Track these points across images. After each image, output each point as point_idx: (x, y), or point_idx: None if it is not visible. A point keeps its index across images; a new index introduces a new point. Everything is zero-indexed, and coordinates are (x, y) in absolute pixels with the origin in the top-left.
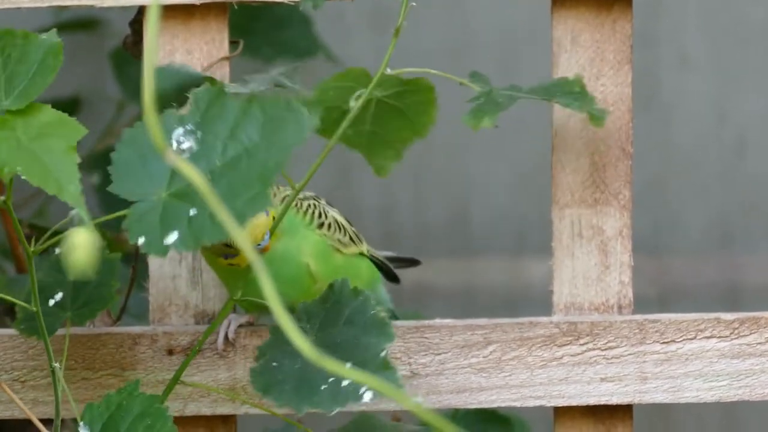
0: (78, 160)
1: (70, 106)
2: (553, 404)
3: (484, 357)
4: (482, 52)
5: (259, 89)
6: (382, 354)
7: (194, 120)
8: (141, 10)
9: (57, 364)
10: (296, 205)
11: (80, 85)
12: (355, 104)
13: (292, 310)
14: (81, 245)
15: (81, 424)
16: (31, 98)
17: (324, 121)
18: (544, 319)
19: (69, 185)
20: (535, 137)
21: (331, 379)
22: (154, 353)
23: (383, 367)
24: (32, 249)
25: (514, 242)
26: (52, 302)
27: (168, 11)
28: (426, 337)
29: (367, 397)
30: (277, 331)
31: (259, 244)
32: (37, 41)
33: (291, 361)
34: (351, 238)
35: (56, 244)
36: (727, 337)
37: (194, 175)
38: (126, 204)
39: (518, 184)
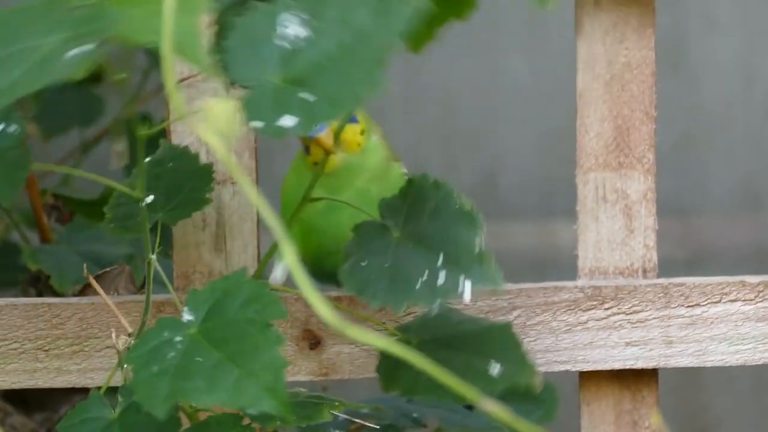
0: (201, 24)
1: (94, 73)
2: (578, 369)
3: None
4: (507, 15)
5: None
6: (476, 243)
7: (303, 6)
8: None
9: (153, 256)
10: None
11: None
12: None
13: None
14: (223, 113)
15: (185, 309)
16: None
17: None
18: (568, 283)
19: (197, 54)
20: (561, 101)
21: (426, 274)
22: None
23: (479, 261)
24: (142, 133)
25: (541, 206)
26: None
27: None
28: (450, 302)
29: (467, 289)
30: (360, 230)
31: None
32: None
33: (380, 260)
34: None
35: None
36: (752, 300)
37: (219, 147)
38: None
39: (546, 148)
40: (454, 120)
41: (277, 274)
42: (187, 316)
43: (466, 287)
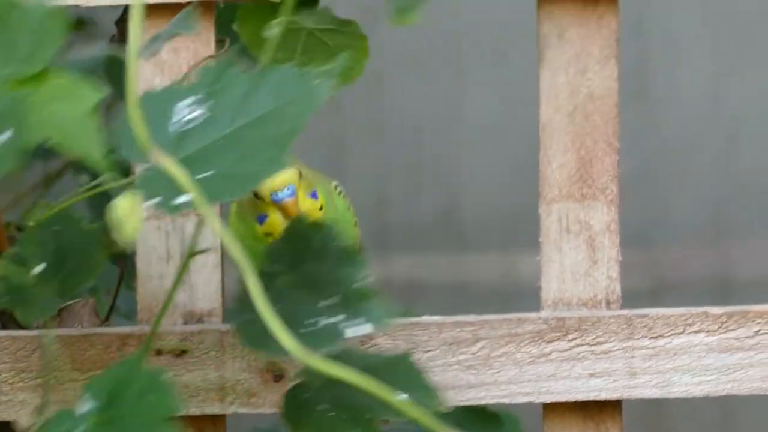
0: (98, 123)
1: None
2: (541, 400)
3: (472, 354)
4: (472, 49)
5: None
6: (360, 282)
7: (203, 91)
8: (127, 9)
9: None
10: (339, 192)
11: None
12: (270, 33)
13: None
14: (129, 212)
15: (84, 397)
16: (43, 63)
17: (250, 44)
18: (532, 315)
19: (93, 151)
20: (524, 131)
21: (312, 319)
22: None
23: (364, 297)
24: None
25: (504, 236)
26: (34, 273)
27: (154, 9)
28: (414, 334)
29: (350, 332)
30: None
31: (276, 194)
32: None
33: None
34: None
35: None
36: (715, 331)
37: (182, 177)
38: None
39: (508, 179)
40: (418, 151)
41: None
42: (87, 406)
43: (353, 328)
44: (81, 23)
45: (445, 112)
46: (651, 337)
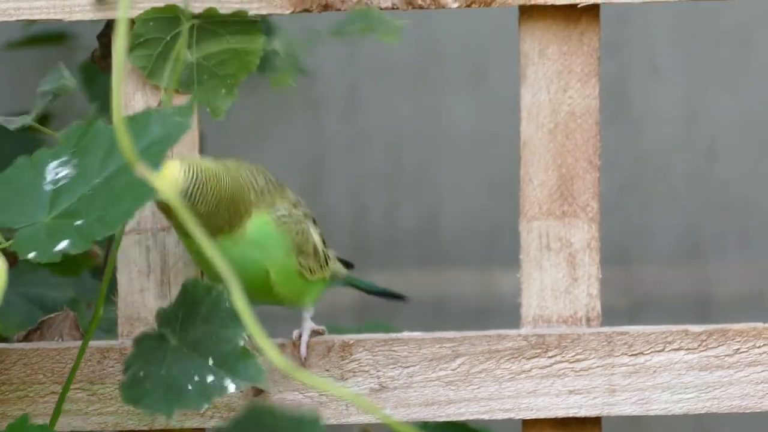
0: None
1: (39, 120)
2: (521, 417)
3: (452, 370)
4: (451, 64)
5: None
6: (241, 343)
7: (68, 151)
8: (109, 24)
9: None
10: (287, 228)
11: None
12: (179, 51)
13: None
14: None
15: None
16: None
17: (149, 57)
18: (512, 331)
19: None
20: (504, 147)
21: (196, 378)
22: (122, 366)
23: (243, 357)
24: None
25: (484, 253)
26: None
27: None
28: (394, 350)
29: (231, 388)
30: (140, 342)
31: None
32: None
33: (157, 368)
34: (321, 265)
35: None
36: (695, 349)
37: (169, 191)
38: None
39: (489, 195)
40: (397, 165)
41: (302, 350)
42: None
43: (230, 386)
44: (62, 37)
45: (424, 127)
46: (631, 355)
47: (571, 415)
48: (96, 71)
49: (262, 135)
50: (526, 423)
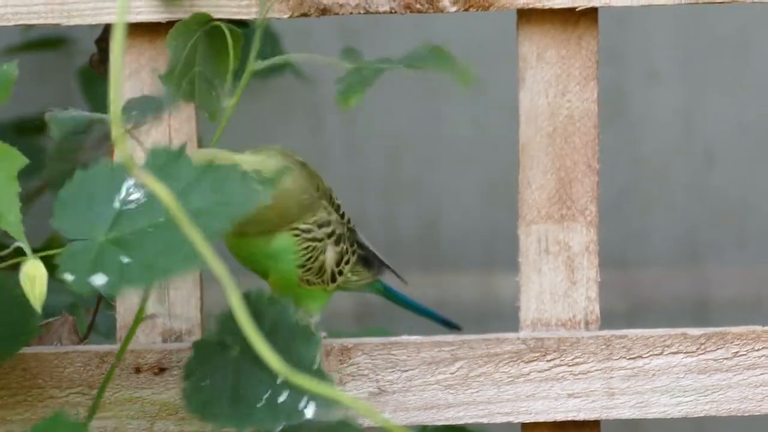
0: (18, 189)
1: (36, 124)
2: (520, 420)
3: (451, 373)
4: None
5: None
6: (315, 365)
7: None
8: (107, 29)
9: None
10: (299, 242)
11: (47, 103)
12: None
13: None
14: (39, 277)
15: None
16: None
17: (187, 82)
18: (511, 335)
19: (8, 215)
20: (503, 152)
21: (266, 395)
22: (121, 371)
23: (320, 379)
24: None
25: (483, 257)
26: None
27: (134, 29)
28: (393, 354)
29: (309, 412)
30: (201, 347)
31: None
32: None
33: (221, 378)
34: (325, 281)
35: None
36: (693, 352)
37: (161, 191)
38: None
39: (487, 199)
40: (396, 170)
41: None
42: None
43: (310, 406)
44: (61, 42)
45: (423, 132)
46: (629, 358)
47: (570, 419)
48: (94, 76)
49: (262, 139)
50: (525, 426)
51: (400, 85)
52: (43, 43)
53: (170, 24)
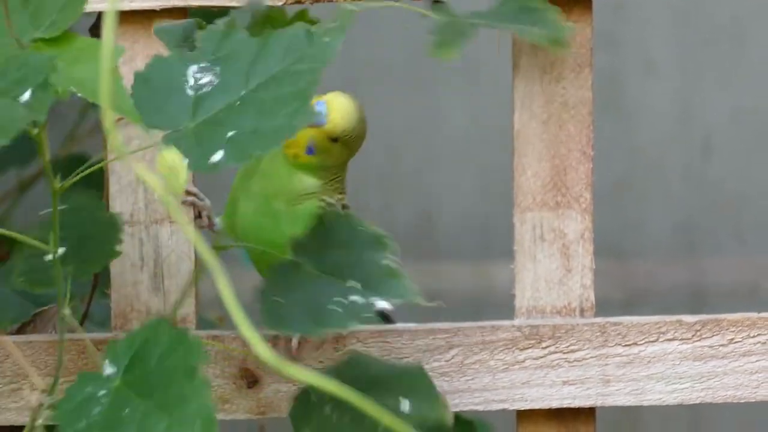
0: (122, 77)
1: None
2: (515, 408)
3: (446, 361)
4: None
5: None
6: (384, 262)
7: (208, 57)
8: (101, 16)
9: (67, 310)
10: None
11: None
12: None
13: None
14: (178, 164)
15: (106, 362)
16: (63, 28)
17: None
18: (506, 322)
19: (123, 103)
20: (498, 140)
21: (338, 299)
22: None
23: (388, 275)
24: (59, 185)
25: (478, 245)
26: (50, 257)
27: (128, 16)
28: (388, 341)
29: (382, 304)
30: (275, 271)
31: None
32: None
33: (295, 294)
34: None
35: (80, 181)
36: (689, 339)
37: (146, 175)
38: None
39: (483, 188)
40: (392, 159)
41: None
42: (108, 369)
43: (379, 303)
44: None
45: (418, 122)
46: (625, 345)
47: (565, 406)
48: None
49: None
50: (521, 414)
51: (395, 76)
52: None
53: (165, 11)
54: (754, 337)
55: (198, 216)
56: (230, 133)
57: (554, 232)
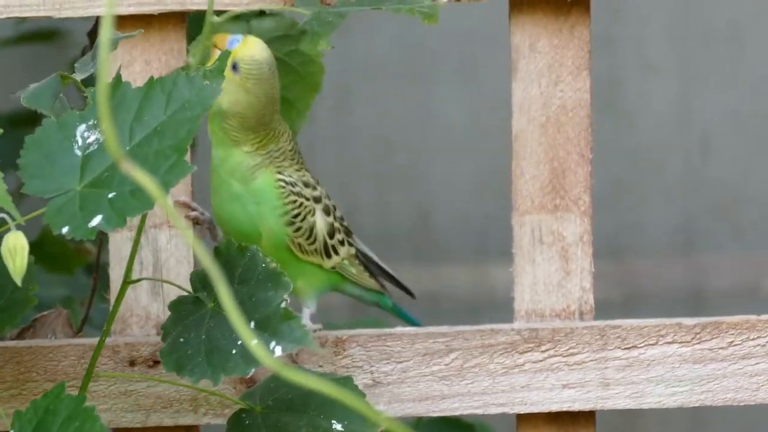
0: None
1: (30, 116)
2: (515, 411)
3: (446, 365)
4: (441, 59)
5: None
6: (282, 305)
7: (95, 114)
8: (99, 21)
9: None
10: (284, 193)
11: None
12: (193, 60)
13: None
14: (20, 248)
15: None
16: None
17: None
18: (505, 326)
19: None
20: (495, 142)
21: (239, 342)
22: (115, 364)
23: (285, 319)
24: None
25: (476, 247)
26: None
27: (126, 21)
28: (388, 345)
29: (278, 351)
30: (177, 307)
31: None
32: None
33: (196, 334)
34: (319, 251)
35: None
36: (688, 342)
37: (147, 182)
38: None
39: (480, 189)
40: (388, 160)
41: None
42: None
43: (277, 350)
44: (53, 34)
45: (415, 123)
46: (624, 348)
47: (564, 409)
48: None
49: None
50: (520, 417)
51: (390, 76)
52: (36, 35)
53: (162, 16)
54: (753, 339)
55: (196, 223)
56: (111, 195)
57: (553, 234)
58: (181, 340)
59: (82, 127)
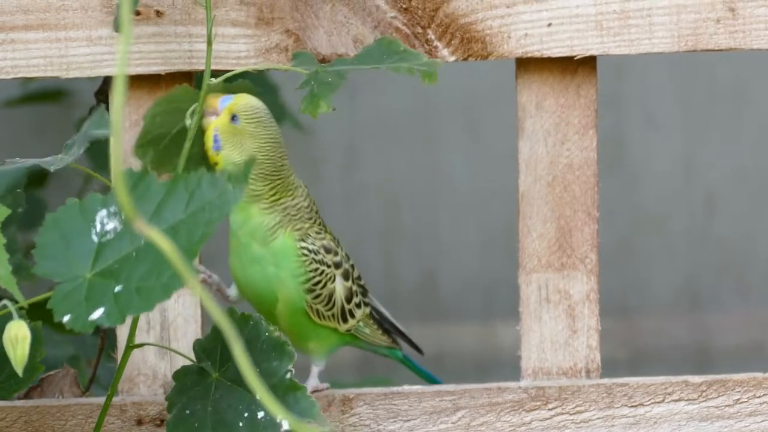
0: (4, 240)
1: (37, 177)
2: None
3: (453, 423)
4: (447, 115)
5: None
6: (287, 376)
7: (116, 201)
8: (106, 81)
9: None
10: (306, 261)
11: (47, 155)
12: (191, 121)
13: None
14: (22, 338)
15: None
16: None
17: (156, 152)
18: (512, 384)
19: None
20: (501, 201)
21: (246, 414)
22: (123, 423)
23: (291, 390)
24: None
25: (483, 306)
26: None
27: (134, 81)
28: (395, 404)
29: (285, 425)
30: (181, 377)
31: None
32: None
33: (202, 406)
34: (336, 317)
35: None
36: (695, 399)
37: (163, 242)
38: None
39: (487, 248)
40: (395, 219)
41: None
42: None
43: (284, 423)
44: (60, 95)
45: (422, 181)
46: (631, 406)
47: None
48: None
49: None
50: None
51: (398, 134)
52: (43, 95)
53: (170, 75)
54: (760, 397)
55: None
56: (117, 288)
57: (560, 293)
58: (187, 411)
59: (103, 212)
